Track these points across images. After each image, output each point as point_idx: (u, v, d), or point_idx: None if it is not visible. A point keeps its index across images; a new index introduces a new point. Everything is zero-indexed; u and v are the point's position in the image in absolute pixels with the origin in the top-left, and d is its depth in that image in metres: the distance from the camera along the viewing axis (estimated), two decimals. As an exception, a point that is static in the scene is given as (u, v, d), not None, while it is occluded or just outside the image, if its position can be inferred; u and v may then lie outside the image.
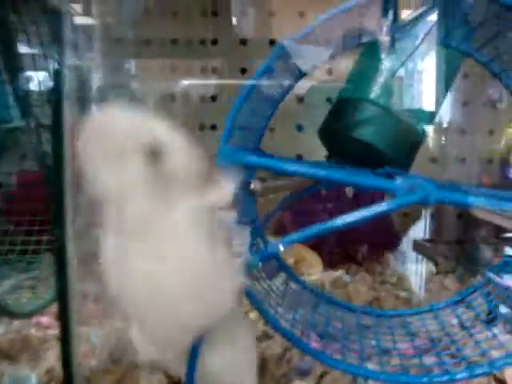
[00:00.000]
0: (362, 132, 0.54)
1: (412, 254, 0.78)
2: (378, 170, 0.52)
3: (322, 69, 0.91)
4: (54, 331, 0.57)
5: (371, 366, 0.43)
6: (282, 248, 0.40)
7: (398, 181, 0.39)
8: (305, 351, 0.41)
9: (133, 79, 0.95)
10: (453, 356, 0.44)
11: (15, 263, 0.66)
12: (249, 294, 0.41)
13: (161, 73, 0.96)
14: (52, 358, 0.50)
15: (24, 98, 0.52)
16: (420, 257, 0.80)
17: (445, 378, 0.39)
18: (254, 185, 0.51)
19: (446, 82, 0.59)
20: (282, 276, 0.53)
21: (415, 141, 0.57)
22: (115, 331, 0.56)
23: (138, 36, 0.92)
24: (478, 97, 0.92)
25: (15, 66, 0.50)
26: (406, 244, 0.85)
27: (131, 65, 0.94)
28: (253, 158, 0.42)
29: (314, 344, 0.43)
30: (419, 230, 0.88)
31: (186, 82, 0.95)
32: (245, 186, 0.50)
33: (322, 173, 0.42)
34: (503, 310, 0.47)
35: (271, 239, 0.49)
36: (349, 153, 0.56)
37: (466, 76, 0.87)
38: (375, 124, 0.55)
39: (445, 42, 0.53)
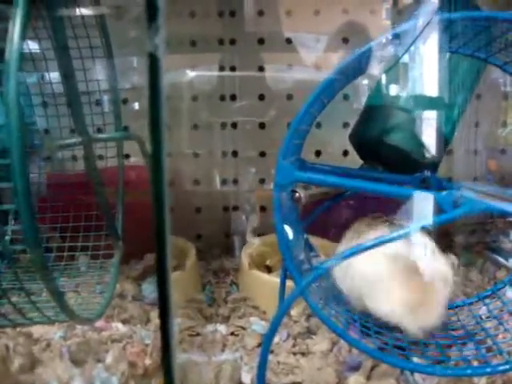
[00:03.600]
0: (393, 137, 0.58)
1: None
2: (415, 175, 0.55)
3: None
4: (108, 333, 0.61)
5: (415, 359, 0.47)
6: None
7: (443, 194, 0.42)
8: (358, 348, 0.45)
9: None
10: (489, 349, 0.48)
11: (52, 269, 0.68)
12: (306, 299, 0.44)
13: (181, 72, 0.98)
14: (113, 359, 0.53)
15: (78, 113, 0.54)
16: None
17: (487, 369, 0.43)
18: (299, 193, 0.54)
19: (468, 87, 0.62)
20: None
21: (443, 143, 0.61)
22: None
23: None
24: (488, 89, 0.95)
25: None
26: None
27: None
28: (305, 175, 0.45)
29: (363, 340, 0.47)
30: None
31: (205, 81, 0.97)
32: (289, 194, 0.53)
33: (369, 186, 0.46)
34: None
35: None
36: (381, 158, 0.59)
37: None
38: (405, 129, 0.58)
39: (459, 50, 0.55)
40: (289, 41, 0.94)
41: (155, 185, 0.33)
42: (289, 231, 0.54)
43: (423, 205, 0.45)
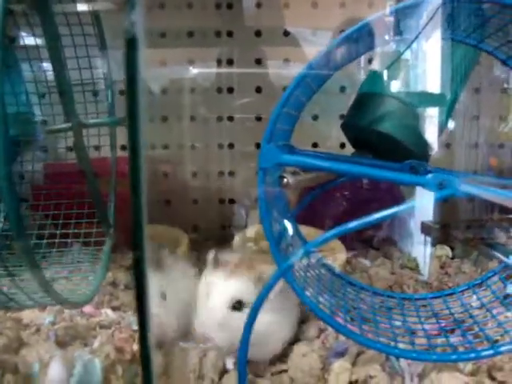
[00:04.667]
0: (384, 125, 0.57)
1: (428, 242, 0.81)
2: (404, 162, 0.55)
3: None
4: (97, 319, 0.61)
5: (401, 345, 0.47)
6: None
7: (429, 176, 0.42)
8: (343, 333, 0.45)
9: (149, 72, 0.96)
10: (476, 336, 0.48)
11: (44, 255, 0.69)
12: (290, 282, 0.44)
13: (177, 65, 0.98)
14: (101, 343, 0.53)
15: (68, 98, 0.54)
16: (435, 241, 0.83)
17: (472, 355, 0.43)
18: (287, 179, 0.54)
19: (462, 75, 0.62)
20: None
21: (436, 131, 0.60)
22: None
23: (153, 29, 0.94)
24: (489, 83, 0.94)
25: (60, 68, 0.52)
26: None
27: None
28: (291, 158, 0.45)
29: (350, 326, 0.46)
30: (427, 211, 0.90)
31: (202, 74, 0.97)
32: (277, 180, 0.53)
33: (356, 169, 0.45)
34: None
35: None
36: (372, 146, 0.59)
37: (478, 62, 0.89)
38: (397, 117, 0.57)
39: (450, 37, 0.55)
40: (286, 33, 0.94)
41: (132, 173, 0.33)
42: (288, 225, 0.54)
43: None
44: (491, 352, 0.42)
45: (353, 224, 0.40)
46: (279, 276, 0.42)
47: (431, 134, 0.59)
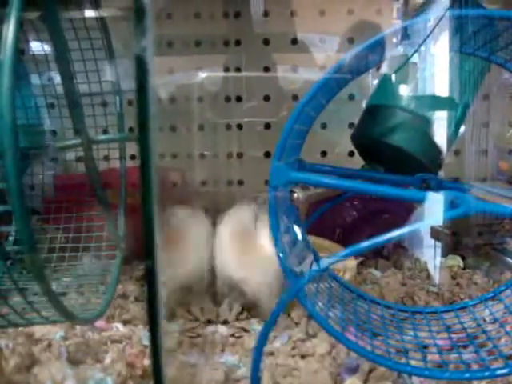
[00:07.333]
0: (394, 138, 0.57)
1: (439, 250, 0.81)
2: (416, 176, 0.55)
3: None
4: (108, 333, 0.61)
5: (413, 362, 0.46)
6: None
7: (440, 194, 0.42)
8: (354, 350, 0.45)
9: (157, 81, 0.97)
10: (490, 352, 0.47)
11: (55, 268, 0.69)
12: (301, 300, 0.44)
13: (185, 74, 0.98)
14: (113, 360, 0.53)
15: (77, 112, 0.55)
16: (446, 251, 0.82)
17: (486, 373, 0.42)
18: (297, 193, 0.54)
19: (473, 85, 0.61)
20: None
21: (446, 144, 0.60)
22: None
23: (161, 38, 0.94)
24: (498, 89, 0.93)
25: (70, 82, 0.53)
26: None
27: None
28: (300, 175, 0.45)
29: (361, 342, 0.46)
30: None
31: (210, 83, 0.97)
32: (288, 194, 0.53)
33: (363, 187, 0.45)
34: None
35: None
36: (383, 158, 0.59)
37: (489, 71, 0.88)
38: (407, 129, 0.57)
39: (460, 50, 0.55)
40: (294, 41, 0.94)
41: (143, 189, 0.33)
42: (298, 231, 0.54)
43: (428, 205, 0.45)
44: (506, 371, 0.42)
45: (366, 243, 0.40)
46: (293, 295, 0.42)
47: (442, 143, 0.59)
